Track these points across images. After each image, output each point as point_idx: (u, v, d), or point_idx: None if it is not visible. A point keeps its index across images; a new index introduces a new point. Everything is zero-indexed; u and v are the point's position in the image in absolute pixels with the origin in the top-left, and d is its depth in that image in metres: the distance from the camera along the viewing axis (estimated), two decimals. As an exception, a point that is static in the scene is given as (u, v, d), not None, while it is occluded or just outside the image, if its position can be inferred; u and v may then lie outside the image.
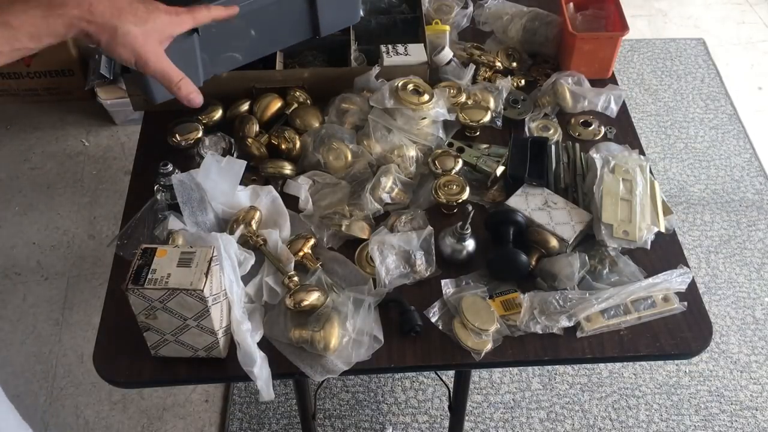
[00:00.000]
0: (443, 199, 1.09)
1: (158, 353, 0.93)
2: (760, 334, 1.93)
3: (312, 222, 1.09)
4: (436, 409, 1.77)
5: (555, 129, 1.23)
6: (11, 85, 2.47)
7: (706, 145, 2.42)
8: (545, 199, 1.09)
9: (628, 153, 1.15)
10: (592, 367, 1.86)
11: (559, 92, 1.26)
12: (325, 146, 1.15)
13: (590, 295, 0.97)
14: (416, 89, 1.17)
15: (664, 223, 1.07)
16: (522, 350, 0.97)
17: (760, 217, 2.21)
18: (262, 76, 1.24)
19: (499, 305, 0.99)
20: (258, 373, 0.90)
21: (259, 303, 0.99)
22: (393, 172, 1.11)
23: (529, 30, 1.36)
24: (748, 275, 2.06)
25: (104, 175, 2.32)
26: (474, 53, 1.34)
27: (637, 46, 2.78)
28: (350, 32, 1.31)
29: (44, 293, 2.00)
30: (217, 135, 1.17)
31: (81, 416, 1.77)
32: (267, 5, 1.10)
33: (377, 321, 0.97)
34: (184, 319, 0.86)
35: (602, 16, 1.37)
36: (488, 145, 1.21)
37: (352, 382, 1.81)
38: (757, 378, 1.85)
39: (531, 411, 1.78)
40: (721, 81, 2.65)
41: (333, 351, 0.93)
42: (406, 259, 1.03)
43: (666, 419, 1.77)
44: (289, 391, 1.78)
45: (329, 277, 1.01)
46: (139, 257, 0.84)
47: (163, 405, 1.79)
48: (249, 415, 1.76)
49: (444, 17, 1.41)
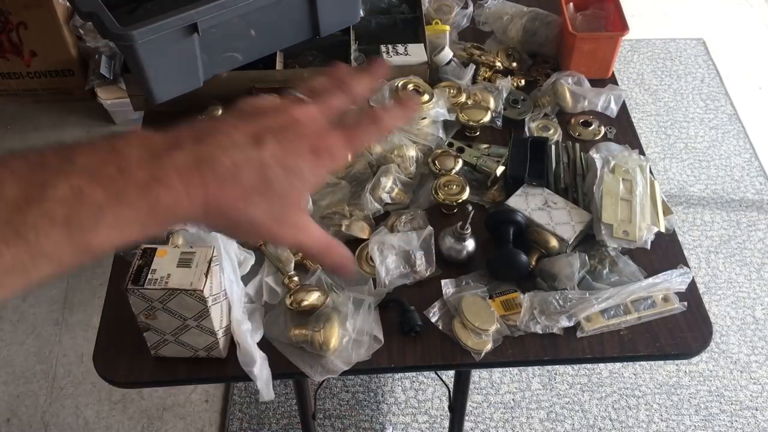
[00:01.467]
0: (443, 199, 1.09)
1: (158, 353, 0.93)
2: (760, 334, 1.93)
3: (312, 222, 1.08)
4: (436, 409, 1.77)
5: (555, 129, 1.23)
6: (11, 85, 2.47)
7: (706, 145, 2.42)
8: (545, 199, 1.09)
9: (628, 153, 1.15)
10: (592, 367, 1.86)
11: (559, 92, 1.26)
12: (325, 146, 1.14)
13: (590, 295, 0.97)
14: (416, 89, 1.17)
15: (664, 223, 1.07)
16: (522, 350, 0.97)
17: (760, 217, 2.21)
18: (262, 76, 1.24)
19: (499, 305, 0.99)
20: (258, 373, 0.90)
21: (259, 303, 0.99)
22: (393, 172, 1.11)
23: (529, 30, 1.36)
24: (748, 275, 2.06)
25: (104, 175, 2.32)
26: (474, 53, 1.34)
27: (637, 46, 2.78)
28: (350, 32, 1.30)
29: (44, 293, 2.00)
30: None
31: (81, 416, 1.77)
32: (267, 5, 1.10)
33: (377, 321, 0.97)
34: (184, 319, 0.86)
35: (602, 16, 1.37)
36: (488, 145, 1.21)
37: (352, 382, 1.81)
38: (757, 378, 1.85)
39: (531, 411, 1.78)
40: (721, 81, 2.65)
41: (333, 351, 0.93)
42: (406, 259, 1.03)
43: (666, 419, 1.77)
44: (289, 391, 1.78)
45: (329, 277, 1.01)
46: (139, 257, 0.84)
47: (163, 405, 1.79)
48: (249, 415, 1.76)
49: (444, 17, 1.41)
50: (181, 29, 1.05)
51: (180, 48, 1.02)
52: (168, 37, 1.05)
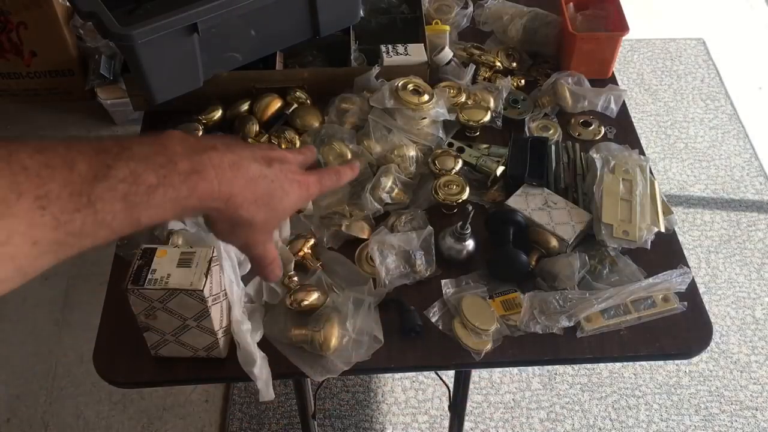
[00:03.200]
0: (443, 199, 1.09)
1: (158, 353, 0.93)
2: (760, 334, 1.93)
3: (312, 222, 1.09)
4: (436, 409, 1.77)
5: (555, 129, 1.23)
6: (11, 85, 2.47)
7: (706, 145, 2.42)
8: (545, 199, 1.09)
9: (628, 153, 1.15)
10: (592, 367, 1.86)
11: (559, 92, 1.26)
12: (325, 146, 1.15)
13: (590, 295, 0.97)
14: (416, 89, 1.17)
15: (664, 223, 1.07)
16: (522, 350, 0.97)
17: (760, 217, 2.21)
18: (262, 76, 1.24)
19: (499, 305, 0.99)
20: (258, 373, 0.90)
21: (259, 303, 0.99)
22: (393, 172, 1.11)
23: (529, 30, 1.36)
24: (748, 275, 2.06)
25: (104, 175, 2.32)
26: (474, 53, 1.33)
27: (637, 46, 2.78)
28: (350, 32, 1.30)
29: (44, 293, 2.00)
30: (217, 135, 1.17)
31: (81, 416, 1.77)
32: (267, 5, 1.10)
33: (377, 321, 0.97)
34: (184, 319, 0.86)
35: (602, 16, 1.37)
36: (488, 145, 1.21)
37: (352, 382, 1.81)
38: (757, 378, 1.85)
39: (531, 411, 1.78)
40: (721, 81, 2.65)
41: (333, 351, 0.93)
42: (406, 259, 1.03)
43: (666, 419, 1.77)
44: (289, 391, 1.78)
45: (329, 277, 1.01)
46: (139, 257, 0.84)
47: (163, 405, 1.79)
48: (249, 415, 1.76)
49: (444, 17, 1.41)
50: (180, 29, 1.05)
51: (180, 48, 1.02)
52: (168, 37, 1.05)
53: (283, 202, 0.62)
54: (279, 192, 0.61)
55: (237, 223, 0.59)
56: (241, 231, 0.62)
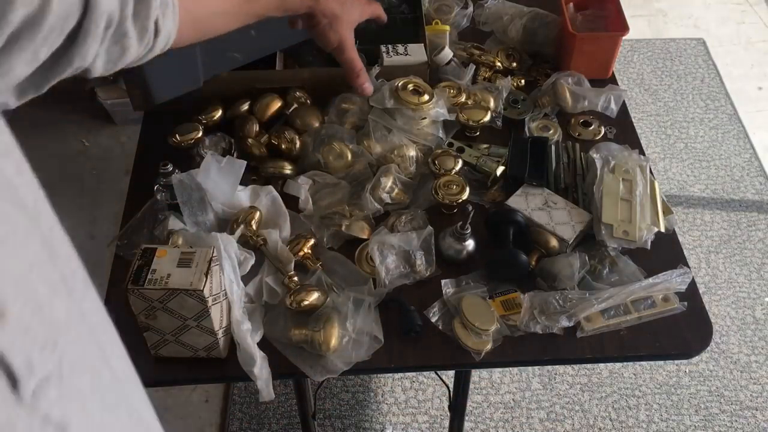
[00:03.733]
0: (443, 199, 1.09)
1: (158, 353, 0.93)
2: (760, 334, 1.93)
3: (312, 222, 1.09)
4: (436, 409, 1.77)
5: (555, 129, 1.23)
6: (11, 85, 2.47)
7: (706, 145, 2.42)
8: (545, 199, 1.09)
9: (628, 153, 1.15)
10: (592, 367, 1.86)
11: (559, 92, 1.26)
12: (325, 146, 1.15)
13: (590, 295, 0.97)
14: (416, 89, 1.17)
15: (664, 223, 1.07)
16: (522, 350, 0.97)
17: (760, 217, 2.21)
18: (262, 76, 1.24)
19: (499, 305, 0.99)
20: (258, 373, 0.90)
21: (259, 303, 0.99)
22: (393, 172, 1.11)
23: (529, 30, 1.36)
24: (748, 275, 2.06)
25: (104, 175, 2.32)
26: (474, 53, 1.33)
27: (637, 46, 2.78)
28: (350, 32, 1.30)
29: (44, 293, 2.00)
30: (217, 135, 1.17)
31: (81, 416, 1.77)
32: (267, 5, 1.10)
33: (377, 321, 0.97)
34: (184, 320, 0.86)
35: (602, 16, 1.37)
36: (488, 145, 1.21)
37: (352, 382, 1.81)
38: (757, 378, 1.85)
39: (531, 411, 1.78)
40: (721, 81, 2.65)
41: (333, 351, 0.93)
42: (406, 259, 1.03)
43: (666, 419, 1.77)
44: (289, 391, 1.78)
45: (329, 277, 1.01)
46: (139, 257, 0.84)
47: (163, 405, 1.79)
48: (249, 415, 1.76)
49: (444, 17, 1.41)
50: (181, 29, 1.04)
51: (180, 48, 1.01)
52: (168, 37, 1.04)
53: (354, 6, 0.99)
54: (349, 2, 0.97)
55: (328, 15, 0.93)
56: (337, 24, 0.95)
